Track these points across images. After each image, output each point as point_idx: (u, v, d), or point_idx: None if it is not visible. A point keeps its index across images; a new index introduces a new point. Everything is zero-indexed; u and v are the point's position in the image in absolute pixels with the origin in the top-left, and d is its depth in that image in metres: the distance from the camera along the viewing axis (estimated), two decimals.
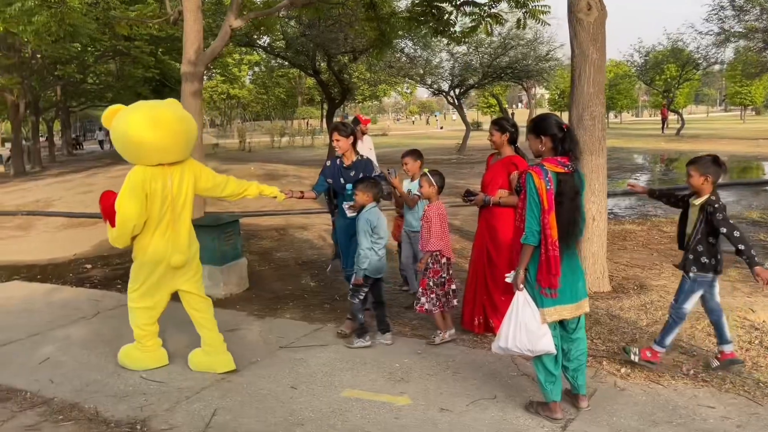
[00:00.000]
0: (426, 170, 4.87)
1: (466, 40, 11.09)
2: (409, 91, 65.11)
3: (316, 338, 5.08)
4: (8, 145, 32.36)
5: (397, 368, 4.40)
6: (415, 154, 5.86)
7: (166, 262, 4.31)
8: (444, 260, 4.75)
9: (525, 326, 3.49)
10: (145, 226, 4.27)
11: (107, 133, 28.04)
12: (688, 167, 4.03)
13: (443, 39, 21.91)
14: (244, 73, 50.73)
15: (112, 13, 11.32)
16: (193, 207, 4.61)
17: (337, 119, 21.68)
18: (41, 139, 30.97)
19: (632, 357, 4.20)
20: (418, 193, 5.72)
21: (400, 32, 12.48)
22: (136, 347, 4.63)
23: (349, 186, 5.12)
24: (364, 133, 8.71)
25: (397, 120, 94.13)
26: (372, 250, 4.72)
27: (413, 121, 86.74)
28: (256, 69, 55.19)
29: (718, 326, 4.14)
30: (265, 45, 20.12)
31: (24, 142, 24.29)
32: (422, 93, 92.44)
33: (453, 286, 4.84)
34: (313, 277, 7.06)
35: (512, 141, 4.93)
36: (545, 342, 3.49)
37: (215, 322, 4.59)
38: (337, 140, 5.18)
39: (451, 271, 4.85)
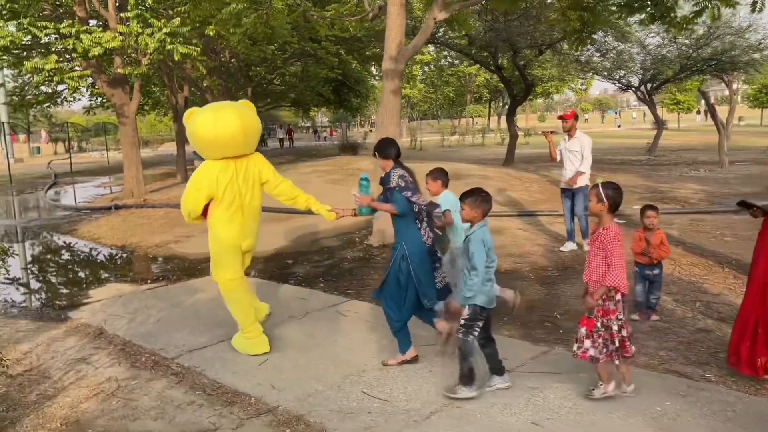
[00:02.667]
0: (600, 181, 3.92)
1: (689, 27, 9.78)
2: (583, 87, 61.95)
3: (546, 363, 4.47)
4: None
5: (659, 413, 3.66)
6: (434, 173, 5.02)
7: (239, 245, 4.78)
8: (618, 297, 3.76)
9: None
10: (218, 214, 4.73)
11: (287, 131, 29.72)
12: None
13: (636, 29, 20.19)
14: (416, 72, 51.35)
15: (311, 12, 11.54)
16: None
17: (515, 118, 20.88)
18: None
19: None
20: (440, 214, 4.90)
21: (607, 21, 11.38)
22: (241, 335, 5.02)
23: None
24: (566, 131, 7.85)
25: None
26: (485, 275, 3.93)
27: (586, 119, 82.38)
28: (426, 69, 55.71)
29: None
30: (446, 41, 19.81)
31: None
32: (595, 89, 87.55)
33: (630, 330, 3.83)
34: (522, 290, 6.44)
35: None
36: None
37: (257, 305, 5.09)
38: None
39: (626, 312, 3.84)
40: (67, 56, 14.80)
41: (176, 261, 8.88)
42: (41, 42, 14.89)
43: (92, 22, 15.79)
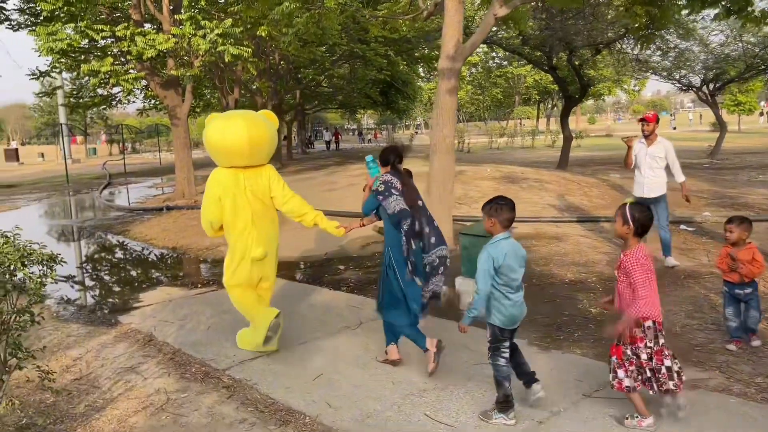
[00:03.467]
0: (629, 200, 3.57)
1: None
2: (637, 88, 60.16)
3: None
4: None
5: None
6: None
7: (249, 255, 4.76)
8: (648, 324, 3.43)
9: None
10: (230, 227, 4.79)
11: (333, 134, 29.84)
12: None
13: (701, 24, 19.28)
14: (463, 73, 50.78)
15: (362, 12, 11.30)
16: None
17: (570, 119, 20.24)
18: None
19: None
20: None
21: (676, 16, 10.78)
22: (250, 329, 5.03)
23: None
24: (646, 135, 7.26)
25: (618, 120, 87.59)
26: (500, 293, 3.61)
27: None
28: (473, 70, 55.02)
29: None
30: (499, 41, 19.33)
31: None
32: (647, 91, 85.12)
33: (668, 362, 3.43)
34: (590, 302, 6.02)
35: None
36: None
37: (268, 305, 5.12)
38: None
39: (661, 341, 3.45)
40: (122, 59, 14.99)
41: None
42: (98, 45, 15.13)
43: (147, 25, 15.96)
